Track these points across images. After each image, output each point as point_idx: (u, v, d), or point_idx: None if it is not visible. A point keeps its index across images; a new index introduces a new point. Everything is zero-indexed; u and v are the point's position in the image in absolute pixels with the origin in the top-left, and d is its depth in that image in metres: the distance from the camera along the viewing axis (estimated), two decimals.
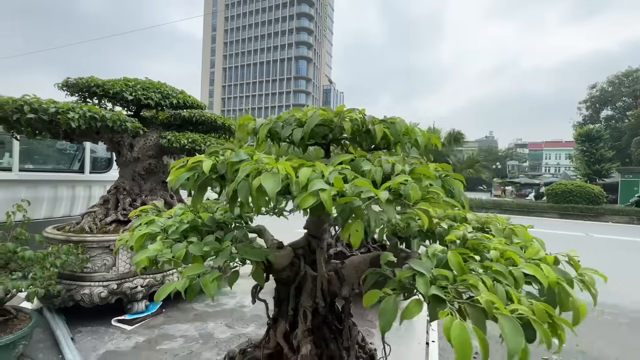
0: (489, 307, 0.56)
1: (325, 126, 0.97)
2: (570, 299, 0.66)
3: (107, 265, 1.55)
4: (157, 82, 1.93)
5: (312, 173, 0.69)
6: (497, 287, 0.64)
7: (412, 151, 1.06)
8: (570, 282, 0.70)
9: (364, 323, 1.87)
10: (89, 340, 1.32)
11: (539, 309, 0.58)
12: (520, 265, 0.71)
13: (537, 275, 0.68)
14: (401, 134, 0.96)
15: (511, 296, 0.63)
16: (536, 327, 0.55)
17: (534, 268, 0.69)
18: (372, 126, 0.78)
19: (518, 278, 0.68)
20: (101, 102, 1.86)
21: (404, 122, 0.97)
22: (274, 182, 0.65)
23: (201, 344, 1.43)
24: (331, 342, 0.81)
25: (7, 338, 1.04)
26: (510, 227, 0.98)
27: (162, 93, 1.87)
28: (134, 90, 1.75)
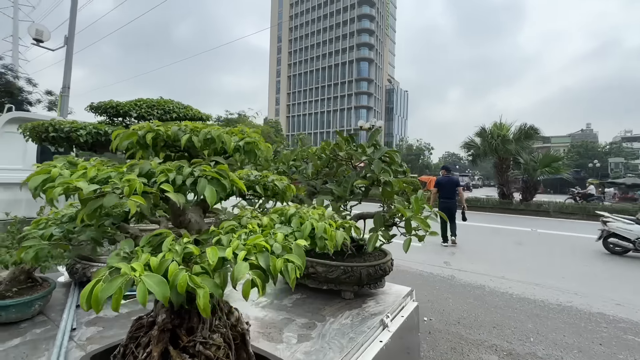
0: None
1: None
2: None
3: (111, 250, 1.94)
4: (163, 100, 2.30)
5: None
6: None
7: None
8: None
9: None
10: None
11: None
12: None
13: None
14: (202, 142, 0.89)
15: None
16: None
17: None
18: (182, 136, 0.84)
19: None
20: (124, 119, 2.31)
21: (214, 130, 0.89)
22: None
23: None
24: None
25: (26, 297, 1.44)
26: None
27: (165, 109, 2.23)
28: (139, 109, 2.14)
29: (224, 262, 0.52)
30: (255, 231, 0.63)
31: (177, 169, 0.63)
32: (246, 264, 0.50)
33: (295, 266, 0.54)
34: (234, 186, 0.93)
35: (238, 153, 0.86)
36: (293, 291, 1.98)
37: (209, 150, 0.87)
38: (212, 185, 0.63)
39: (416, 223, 1.70)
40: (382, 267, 1.84)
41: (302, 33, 77.87)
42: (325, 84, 73.46)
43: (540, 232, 9.04)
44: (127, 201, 0.60)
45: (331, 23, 73.20)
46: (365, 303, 1.79)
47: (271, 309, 1.71)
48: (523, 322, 3.27)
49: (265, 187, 0.92)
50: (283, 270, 0.53)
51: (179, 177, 0.61)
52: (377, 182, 1.78)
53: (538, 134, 14.02)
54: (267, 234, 0.61)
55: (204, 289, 0.48)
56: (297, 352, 1.27)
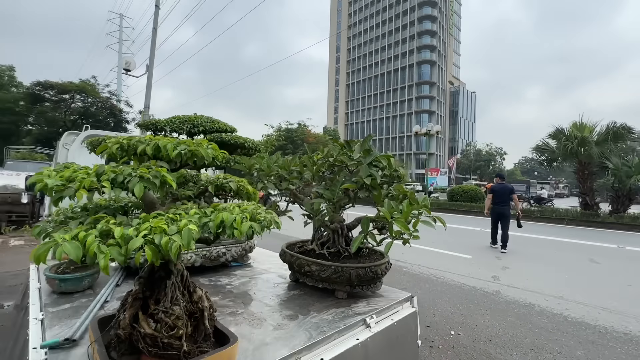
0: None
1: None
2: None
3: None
4: (194, 116, 2.68)
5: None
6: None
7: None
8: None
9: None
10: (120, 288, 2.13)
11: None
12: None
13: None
14: (153, 150, 1.08)
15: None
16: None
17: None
18: (140, 146, 1.03)
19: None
20: (166, 134, 2.75)
21: (162, 141, 1.07)
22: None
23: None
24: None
25: (78, 274, 1.86)
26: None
27: (194, 124, 2.60)
28: (173, 124, 2.54)
29: (130, 238, 0.71)
30: (175, 219, 0.82)
31: (122, 170, 0.85)
32: (140, 239, 0.68)
33: (178, 243, 0.71)
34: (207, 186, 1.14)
35: (180, 158, 1.06)
36: (295, 287, 2.13)
37: (177, 158, 1.09)
38: (144, 182, 0.83)
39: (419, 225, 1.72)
40: (372, 269, 1.87)
41: (360, 41, 78.33)
42: (385, 89, 72.37)
43: (629, 250, 7.63)
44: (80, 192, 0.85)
45: (390, 28, 72.24)
46: (356, 303, 1.85)
47: (265, 300, 1.88)
48: (571, 348, 2.88)
49: (219, 186, 1.10)
50: (168, 246, 0.70)
51: (119, 176, 0.83)
52: (365, 186, 1.85)
53: (632, 133, 11.80)
54: (175, 219, 0.79)
55: (104, 254, 0.67)
56: (268, 337, 1.42)
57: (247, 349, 1.29)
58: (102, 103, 26.75)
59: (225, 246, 2.48)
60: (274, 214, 1.07)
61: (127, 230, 0.71)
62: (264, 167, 2.01)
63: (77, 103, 26.27)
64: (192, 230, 0.74)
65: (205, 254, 2.34)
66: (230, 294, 1.98)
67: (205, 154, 1.00)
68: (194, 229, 0.75)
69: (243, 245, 2.62)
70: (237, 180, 1.18)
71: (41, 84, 23.07)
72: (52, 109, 25.11)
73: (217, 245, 2.43)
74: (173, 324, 1.07)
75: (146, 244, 0.70)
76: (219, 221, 0.84)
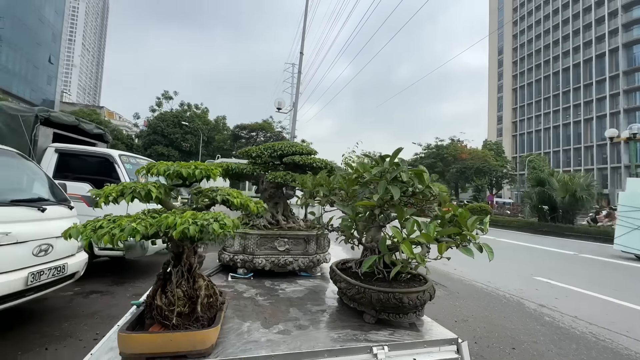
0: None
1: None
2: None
3: (232, 243, 2.87)
4: (277, 142, 3.16)
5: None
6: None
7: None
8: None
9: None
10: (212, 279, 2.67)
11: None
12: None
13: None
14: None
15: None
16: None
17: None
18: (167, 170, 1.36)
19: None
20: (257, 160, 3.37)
21: (176, 166, 1.40)
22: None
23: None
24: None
25: None
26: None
27: (274, 149, 3.07)
28: (258, 151, 3.08)
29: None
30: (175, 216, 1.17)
31: (154, 184, 1.29)
32: (130, 228, 1.05)
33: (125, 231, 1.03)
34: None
35: (195, 177, 1.41)
36: (336, 303, 2.14)
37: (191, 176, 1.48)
38: (136, 195, 1.23)
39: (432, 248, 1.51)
40: (397, 295, 1.68)
41: (530, 36, 65.70)
42: (572, 87, 57.00)
43: None
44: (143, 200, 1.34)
45: (576, 10, 57.20)
46: (377, 331, 1.70)
47: (294, 307, 2.01)
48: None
49: (209, 198, 1.40)
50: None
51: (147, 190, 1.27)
52: (387, 203, 1.73)
53: None
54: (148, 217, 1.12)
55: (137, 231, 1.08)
56: (270, 334, 1.57)
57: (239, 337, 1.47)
58: (275, 136, 33.65)
59: (293, 256, 2.77)
60: (234, 222, 1.27)
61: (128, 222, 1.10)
62: (306, 185, 2.20)
63: (260, 138, 34.15)
64: (129, 228, 1.06)
65: (274, 260, 2.70)
66: (274, 296, 2.21)
67: (186, 173, 1.34)
68: (135, 225, 1.07)
69: (311, 257, 2.83)
70: (226, 193, 1.45)
71: (239, 126, 31.51)
72: (244, 144, 33.70)
73: (285, 254, 2.75)
74: (173, 301, 1.42)
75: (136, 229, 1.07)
76: (167, 223, 1.13)
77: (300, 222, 3.13)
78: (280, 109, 11.57)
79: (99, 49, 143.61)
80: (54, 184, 3.66)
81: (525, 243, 11.98)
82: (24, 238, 2.74)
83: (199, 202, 1.58)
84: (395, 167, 1.75)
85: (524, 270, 7.07)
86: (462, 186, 46.13)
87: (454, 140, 46.33)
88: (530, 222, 17.99)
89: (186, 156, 32.74)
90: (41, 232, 2.91)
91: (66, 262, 3.17)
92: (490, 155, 43.43)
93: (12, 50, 39.64)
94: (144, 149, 32.83)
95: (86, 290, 4.24)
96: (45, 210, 3.08)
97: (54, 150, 4.99)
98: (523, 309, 4.38)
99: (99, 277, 4.78)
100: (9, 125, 4.65)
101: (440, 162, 42.54)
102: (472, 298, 4.81)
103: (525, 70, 66.10)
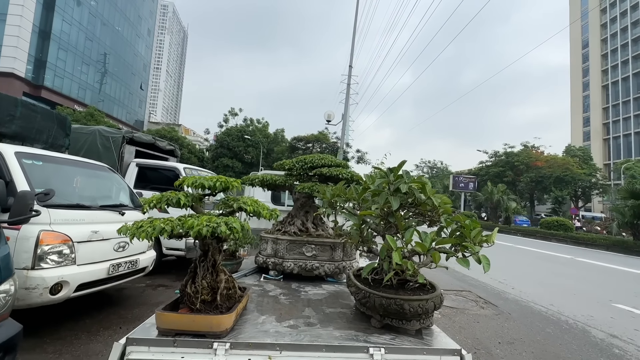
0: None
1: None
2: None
3: (265, 247, 3.13)
4: (309, 156, 3.37)
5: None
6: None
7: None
8: None
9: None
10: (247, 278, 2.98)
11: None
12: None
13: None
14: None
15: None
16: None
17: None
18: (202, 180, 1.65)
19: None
20: (291, 172, 3.65)
21: (202, 179, 1.66)
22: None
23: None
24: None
25: (228, 262, 2.94)
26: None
27: (305, 161, 3.32)
28: (291, 164, 3.36)
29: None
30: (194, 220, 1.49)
31: (184, 194, 1.64)
32: (160, 227, 1.38)
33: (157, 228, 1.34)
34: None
35: (216, 187, 1.73)
36: (351, 307, 2.26)
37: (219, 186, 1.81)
38: (168, 202, 1.56)
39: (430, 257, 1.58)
40: (398, 302, 1.76)
41: (623, 24, 56.60)
42: None
43: None
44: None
45: None
46: (380, 335, 1.79)
47: (311, 306, 2.18)
48: None
49: (226, 204, 1.69)
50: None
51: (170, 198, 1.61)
52: (388, 213, 1.83)
53: None
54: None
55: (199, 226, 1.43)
56: (280, 326, 1.78)
57: (253, 326, 1.71)
58: (330, 147, 34.33)
59: (320, 261, 2.96)
60: (244, 225, 1.53)
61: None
62: (326, 195, 2.40)
63: (316, 149, 35.15)
64: (154, 225, 1.38)
65: (302, 264, 2.92)
66: (295, 297, 2.42)
67: (208, 185, 1.65)
68: (161, 225, 1.39)
69: (337, 263, 2.98)
70: (242, 202, 1.73)
71: (296, 138, 32.94)
72: (302, 155, 35.01)
73: (312, 259, 2.95)
74: (199, 290, 1.72)
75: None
76: (188, 223, 1.43)
77: (329, 230, 3.32)
78: (329, 121, 12.00)
79: (179, 73, 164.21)
80: (132, 193, 4.43)
81: (609, 264, 10.28)
82: (107, 236, 3.41)
83: (223, 209, 1.88)
84: (399, 179, 1.85)
85: (599, 295, 6.15)
86: (540, 197, 41.07)
87: (527, 146, 41.73)
88: (622, 240, 15.29)
89: (248, 167, 35.30)
90: None
91: (138, 258, 3.82)
92: (573, 162, 38.04)
93: (114, 81, 47.79)
94: (212, 161, 36.32)
95: (155, 284, 4.98)
96: (125, 214, 3.78)
97: (135, 165, 6.01)
98: (588, 338, 3.87)
99: (166, 273, 5.55)
100: (104, 145, 5.78)
101: (510, 171, 38.62)
102: (525, 320, 4.39)
103: (619, 63, 56.89)
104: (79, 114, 30.68)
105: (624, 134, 55.28)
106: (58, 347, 2.83)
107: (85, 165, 4.05)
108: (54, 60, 36.12)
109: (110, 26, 45.71)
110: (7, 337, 1.77)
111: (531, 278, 7.05)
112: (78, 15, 39.22)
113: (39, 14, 34.45)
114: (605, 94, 59.75)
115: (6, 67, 31.43)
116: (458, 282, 6.46)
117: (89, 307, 3.77)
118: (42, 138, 4.27)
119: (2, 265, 1.76)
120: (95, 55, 43.14)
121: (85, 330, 3.21)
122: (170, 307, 1.73)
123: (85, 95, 41.25)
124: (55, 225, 2.96)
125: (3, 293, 1.78)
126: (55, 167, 3.56)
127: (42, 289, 2.73)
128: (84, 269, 3.09)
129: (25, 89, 32.69)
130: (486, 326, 4.05)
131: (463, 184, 36.87)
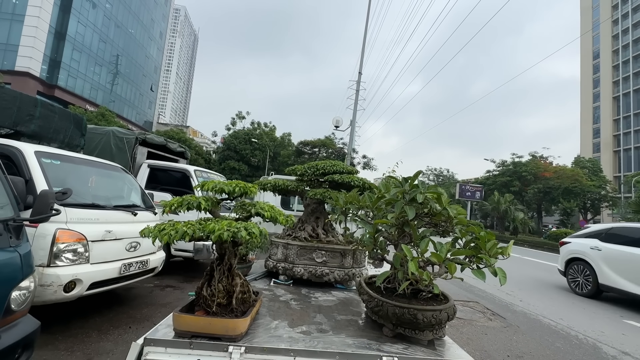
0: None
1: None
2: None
3: (275, 252, 3.15)
4: (321, 162, 3.39)
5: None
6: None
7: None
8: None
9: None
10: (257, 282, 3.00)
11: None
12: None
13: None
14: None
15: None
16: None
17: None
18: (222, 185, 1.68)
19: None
20: (303, 178, 3.67)
21: (221, 183, 1.71)
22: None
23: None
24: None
25: (239, 265, 2.96)
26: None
27: (316, 167, 3.34)
28: (303, 169, 3.38)
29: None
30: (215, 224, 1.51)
31: (203, 198, 1.67)
32: (182, 230, 1.42)
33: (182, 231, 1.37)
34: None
35: (235, 192, 1.76)
36: (363, 315, 2.27)
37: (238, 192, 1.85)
38: (189, 205, 1.60)
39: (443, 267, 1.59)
40: (411, 311, 1.76)
41: (635, 35, 56.07)
42: None
43: None
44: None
45: None
46: (393, 344, 1.79)
47: (322, 313, 2.19)
48: None
49: (243, 208, 1.72)
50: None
51: (188, 202, 1.64)
52: (403, 222, 1.84)
53: None
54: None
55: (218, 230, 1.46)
56: (293, 332, 1.79)
57: (266, 331, 1.73)
58: (337, 152, 34.39)
59: (330, 267, 2.96)
60: (263, 231, 1.56)
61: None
62: (338, 202, 2.42)
63: (323, 154, 35.23)
64: (177, 228, 1.41)
65: (311, 270, 2.92)
66: (306, 303, 2.43)
67: (227, 189, 1.68)
68: (186, 228, 1.42)
69: (347, 270, 2.98)
70: (260, 208, 1.76)
71: (302, 142, 33.08)
72: (307, 160, 35.12)
73: (322, 265, 2.96)
74: (215, 293, 1.75)
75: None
76: (209, 228, 1.46)
77: (340, 237, 3.33)
78: (337, 127, 12.06)
79: (189, 76, 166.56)
80: (144, 193, 4.50)
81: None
82: (120, 236, 3.47)
83: (240, 213, 1.91)
84: (414, 189, 1.86)
85: (610, 310, 6.04)
86: (547, 208, 40.51)
87: (535, 156, 41.30)
88: None
89: (254, 170, 35.50)
90: (133, 232, 3.63)
91: (148, 258, 3.86)
92: (582, 173, 37.51)
93: (126, 82, 48.62)
94: (219, 163, 36.62)
95: (163, 284, 5.01)
96: (137, 214, 3.83)
97: (147, 166, 6.09)
98: (598, 354, 3.80)
99: (174, 274, 5.59)
100: (117, 146, 5.88)
101: (518, 181, 38.21)
102: (534, 334, 4.33)
103: (631, 74, 56.26)
104: (90, 114, 31.24)
105: (635, 146, 54.45)
106: (70, 345, 2.86)
107: (100, 165, 4.13)
108: (68, 60, 36.91)
109: (123, 28, 46.64)
110: (26, 333, 1.81)
111: (539, 290, 6.96)
112: (93, 17, 40.12)
113: (55, 15, 35.32)
114: (616, 105, 59.06)
115: (22, 66, 32.21)
116: (465, 293, 6.39)
117: (98, 305, 3.81)
118: (58, 138, 4.37)
119: (24, 262, 1.80)
120: (108, 56, 44.00)
121: (95, 328, 3.24)
122: (186, 309, 1.76)
123: (97, 96, 42.01)
124: (71, 224, 3.01)
125: (24, 290, 1.83)
126: (71, 167, 3.64)
127: (56, 286, 2.78)
128: (97, 268, 3.14)
129: (40, 88, 33.39)
130: (494, 339, 4.00)
131: (469, 192, 36.53)
